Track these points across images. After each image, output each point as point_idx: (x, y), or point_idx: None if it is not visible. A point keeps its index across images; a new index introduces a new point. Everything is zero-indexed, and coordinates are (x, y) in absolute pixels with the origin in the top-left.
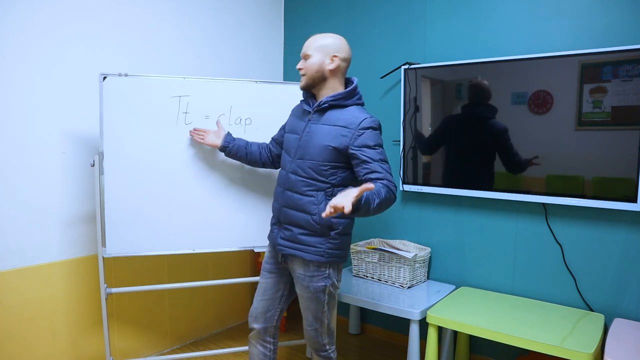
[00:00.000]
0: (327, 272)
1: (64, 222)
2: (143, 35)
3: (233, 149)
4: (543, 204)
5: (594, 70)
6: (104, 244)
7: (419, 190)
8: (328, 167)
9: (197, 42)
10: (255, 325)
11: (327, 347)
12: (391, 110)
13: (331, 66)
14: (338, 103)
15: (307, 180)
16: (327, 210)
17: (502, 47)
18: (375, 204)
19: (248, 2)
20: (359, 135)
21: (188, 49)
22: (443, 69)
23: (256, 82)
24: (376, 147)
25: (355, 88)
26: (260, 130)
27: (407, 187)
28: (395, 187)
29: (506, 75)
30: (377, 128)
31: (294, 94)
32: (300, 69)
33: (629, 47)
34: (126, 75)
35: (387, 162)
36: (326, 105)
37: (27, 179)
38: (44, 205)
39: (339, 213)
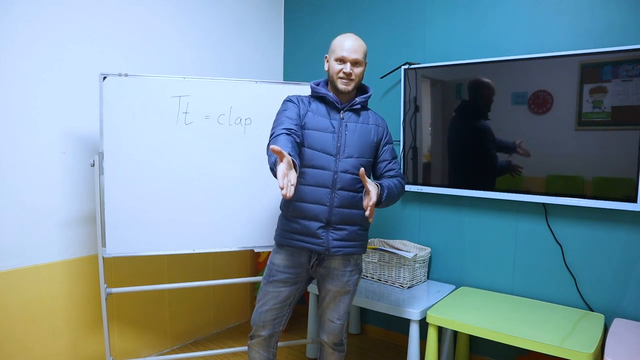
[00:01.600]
0: (360, 264)
1: (64, 222)
2: (143, 35)
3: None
4: (543, 204)
5: (593, 70)
6: (104, 244)
7: (419, 190)
8: (372, 161)
9: (197, 42)
10: (263, 333)
11: (345, 339)
12: (391, 110)
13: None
14: (366, 105)
15: (359, 177)
16: (370, 211)
17: (502, 47)
18: (392, 197)
19: (248, 2)
20: (387, 134)
21: (188, 49)
22: (443, 69)
23: (256, 82)
24: (392, 145)
25: None
26: (260, 130)
27: (407, 187)
28: (405, 182)
29: (506, 75)
30: None
31: (294, 94)
32: (350, 74)
33: (628, 47)
34: (126, 75)
35: (397, 158)
36: (359, 106)
37: (27, 179)
38: (44, 205)
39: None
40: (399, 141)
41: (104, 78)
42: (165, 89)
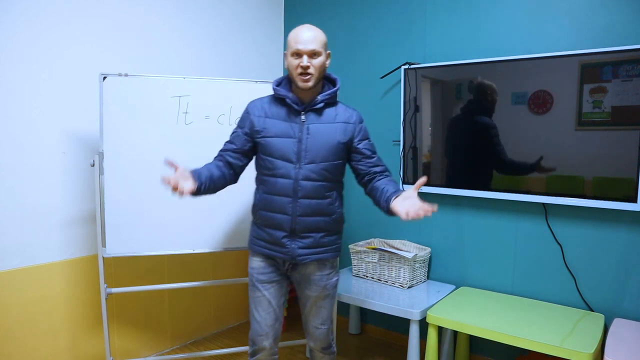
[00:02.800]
0: (337, 266)
1: (64, 222)
2: (143, 35)
3: (204, 183)
4: (543, 204)
5: (594, 70)
6: (104, 244)
7: (419, 190)
8: (339, 163)
9: (197, 42)
10: (266, 344)
11: (333, 342)
12: (391, 110)
13: (327, 64)
14: (332, 101)
15: (323, 182)
16: (420, 213)
17: (502, 47)
18: None
19: (248, 2)
20: (360, 130)
21: (188, 49)
22: (443, 69)
23: (256, 82)
24: (370, 140)
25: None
26: None
27: (407, 187)
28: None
29: (506, 75)
30: None
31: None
32: (307, 67)
33: (629, 47)
34: (126, 75)
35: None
36: (322, 104)
37: (28, 179)
38: (44, 205)
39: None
40: (399, 141)
41: (104, 78)
42: (165, 89)
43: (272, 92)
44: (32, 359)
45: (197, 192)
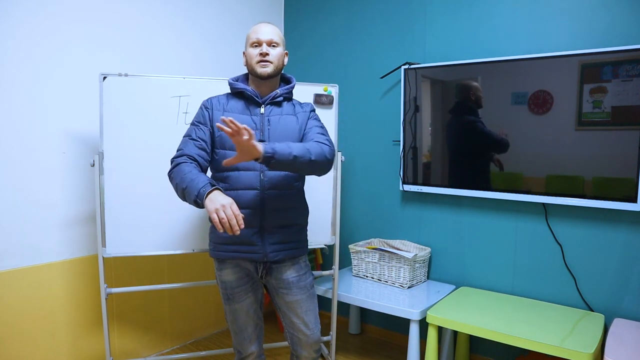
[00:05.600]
0: (309, 264)
1: (64, 222)
2: (143, 35)
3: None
4: (543, 204)
5: (594, 70)
6: (104, 244)
7: (419, 190)
8: None
9: (197, 42)
10: (253, 348)
11: (321, 343)
12: (391, 110)
13: (285, 61)
14: (290, 96)
15: (287, 173)
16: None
17: (502, 47)
18: (296, 154)
19: (248, 2)
20: (310, 118)
21: (188, 49)
22: (443, 69)
23: None
24: (320, 122)
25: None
26: None
27: (407, 187)
28: (331, 150)
29: (506, 75)
30: None
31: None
32: (266, 54)
33: (629, 47)
34: (126, 75)
35: (327, 135)
36: (281, 98)
37: (28, 179)
38: (44, 205)
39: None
40: (399, 141)
41: (104, 78)
42: (165, 89)
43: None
44: (32, 359)
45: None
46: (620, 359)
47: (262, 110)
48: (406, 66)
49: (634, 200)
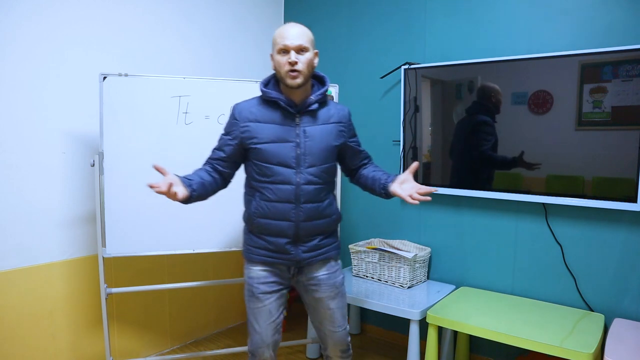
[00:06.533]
0: (340, 263)
1: (64, 222)
2: (143, 35)
3: (197, 190)
4: (543, 204)
5: (594, 70)
6: (104, 244)
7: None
8: (335, 164)
9: (197, 42)
10: (267, 355)
11: (349, 342)
12: (391, 110)
13: (316, 62)
14: (323, 100)
15: (323, 185)
16: (421, 197)
17: (502, 47)
18: None
19: (248, 2)
20: (351, 128)
21: (188, 49)
22: (443, 69)
23: (256, 82)
24: (356, 134)
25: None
26: None
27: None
28: None
29: (506, 75)
30: None
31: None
32: (295, 62)
33: (629, 47)
34: (126, 75)
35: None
36: (316, 106)
37: (28, 179)
38: (44, 205)
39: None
40: (399, 141)
41: (104, 78)
42: (165, 89)
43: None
44: (32, 359)
45: (189, 200)
46: (620, 359)
47: (298, 120)
48: (406, 66)
49: (634, 200)
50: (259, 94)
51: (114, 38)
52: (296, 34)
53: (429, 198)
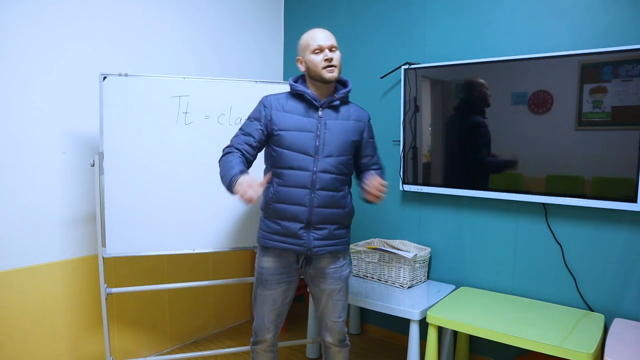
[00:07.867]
0: (349, 258)
1: (64, 222)
2: (143, 35)
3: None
4: (543, 204)
5: (594, 70)
6: (104, 244)
7: (419, 190)
8: (350, 159)
9: (197, 42)
10: (268, 336)
11: (346, 334)
12: (391, 110)
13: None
14: (346, 100)
15: (339, 176)
16: (378, 192)
17: (502, 47)
18: None
19: (248, 2)
20: (370, 128)
21: (188, 49)
22: (443, 69)
23: (256, 82)
24: (374, 139)
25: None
26: None
27: (407, 187)
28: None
29: (506, 75)
30: None
31: (272, 94)
32: (331, 59)
33: (629, 47)
34: (126, 75)
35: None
36: (338, 102)
37: (27, 179)
38: (44, 205)
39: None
40: (399, 141)
41: (104, 78)
42: (165, 89)
43: (275, 92)
44: (32, 359)
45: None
46: (620, 359)
47: (320, 113)
48: (406, 66)
49: (634, 200)
50: (258, 93)
51: (114, 38)
52: (327, 35)
53: (383, 194)
